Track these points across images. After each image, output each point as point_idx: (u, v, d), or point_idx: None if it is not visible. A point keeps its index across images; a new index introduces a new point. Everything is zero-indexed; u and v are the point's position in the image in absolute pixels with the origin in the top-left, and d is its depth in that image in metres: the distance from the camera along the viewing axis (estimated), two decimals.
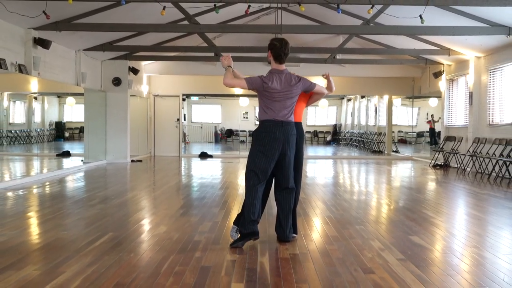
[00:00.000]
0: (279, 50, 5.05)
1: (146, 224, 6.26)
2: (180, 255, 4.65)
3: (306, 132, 27.77)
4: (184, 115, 24.38)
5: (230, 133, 28.90)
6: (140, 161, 15.91)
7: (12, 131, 18.82)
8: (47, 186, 9.89)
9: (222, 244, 5.08)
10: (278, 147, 4.99)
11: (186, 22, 12.11)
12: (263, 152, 5.00)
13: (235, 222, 5.19)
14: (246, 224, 4.98)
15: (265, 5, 13.32)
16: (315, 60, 15.58)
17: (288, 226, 5.17)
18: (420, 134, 23.37)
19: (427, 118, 21.95)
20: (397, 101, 20.55)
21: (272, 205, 6.19)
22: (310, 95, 5.52)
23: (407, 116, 22.14)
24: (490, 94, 12.97)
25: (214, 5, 8.85)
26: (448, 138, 15.01)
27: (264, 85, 5.00)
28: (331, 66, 16.63)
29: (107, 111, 15.40)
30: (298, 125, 5.34)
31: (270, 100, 5.03)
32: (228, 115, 28.87)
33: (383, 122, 20.98)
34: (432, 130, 22.33)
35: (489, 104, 12.97)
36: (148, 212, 7.24)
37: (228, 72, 5.06)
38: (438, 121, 21.77)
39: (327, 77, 5.41)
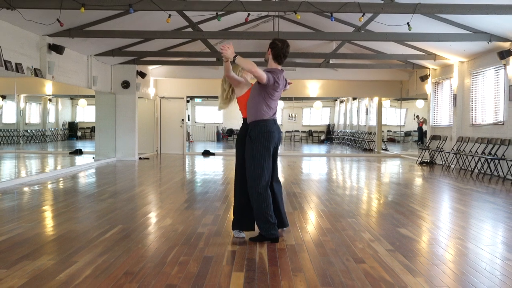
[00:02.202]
0: (279, 50, 4.78)
1: (153, 217, 6.25)
2: (185, 246, 4.65)
3: (302, 131, 27.90)
4: (188, 115, 24.33)
5: (231, 132, 28.89)
6: (147, 158, 15.91)
7: (28, 131, 18.79)
8: (61, 181, 9.88)
9: (224, 236, 5.07)
10: (274, 145, 4.84)
11: (190, 29, 12.12)
12: (268, 153, 4.75)
13: (234, 227, 4.97)
14: (268, 229, 4.71)
15: (264, 13, 13.33)
16: (310, 64, 15.58)
17: (284, 213, 5.15)
18: (407, 133, 23.39)
19: (416, 118, 21.99)
20: (386, 102, 20.56)
21: None
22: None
23: (396, 116, 22.17)
24: (472, 96, 12.97)
25: (216, 13, 8.84)
26: (434, 137, 15.01)
27: (276, 84, 4.69)
28: (325, 70, 16.66)
29: (117, 112, 15.39)
30: None
31: (272, 99, 4.75)
32: (229, 116, 28.84)
33: (373, 122, 20.98)
34: (420, 129, 22.40)
35: (472, 105, 12.97)
36: (155, 206, 7.23)
37: (243, 60, 4.49)
38: (422, 121, 21.84)
39: None
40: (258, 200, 4.72)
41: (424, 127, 20.01)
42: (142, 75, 15.89)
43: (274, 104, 4.82)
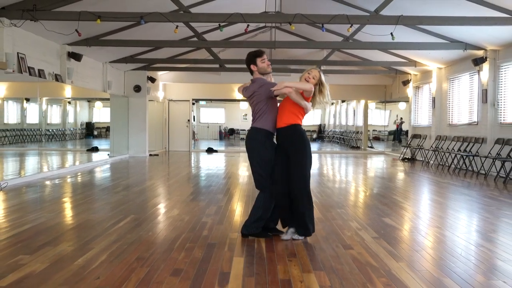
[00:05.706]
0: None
1: (162, 208, 6.24)
2: (190, 233, 4.64)
3: None
4: (194, 116, 24.32)
5: (232, 131, 28.85)
6: (157, 155, 15.88)
7: (50, 130, 18.76)
8: (79, 176, 9.86)
9: (225, 225, 5.06)
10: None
11: (195, 38, 12.11)
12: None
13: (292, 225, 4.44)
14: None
15: (261, 24, 13.30)
16: (303, 71, 15.50)
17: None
18: (391, 133, 23.41)
19: (400, 119, 22.03)
20: (371, 104, 20.55)
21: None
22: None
23: (380, 117, 22.17)
24: (449, 99, 12.96)
25: (219, 24, 8.82)
26: (415, 136, 15.01)
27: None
28: None
29: (129, 113, 15.37)
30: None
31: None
32: (231, 117, 28.82)
33: (360, 122, 20.97)
34: (397, 129, 22.45)
35: (449, 107, 12.96)
36: (164, 198, 7.22)
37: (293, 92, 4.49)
38: (397, 121, 21.87)
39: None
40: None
41: (405, 127, 20.02)
42: (152, 80, 15.87)
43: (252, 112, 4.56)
